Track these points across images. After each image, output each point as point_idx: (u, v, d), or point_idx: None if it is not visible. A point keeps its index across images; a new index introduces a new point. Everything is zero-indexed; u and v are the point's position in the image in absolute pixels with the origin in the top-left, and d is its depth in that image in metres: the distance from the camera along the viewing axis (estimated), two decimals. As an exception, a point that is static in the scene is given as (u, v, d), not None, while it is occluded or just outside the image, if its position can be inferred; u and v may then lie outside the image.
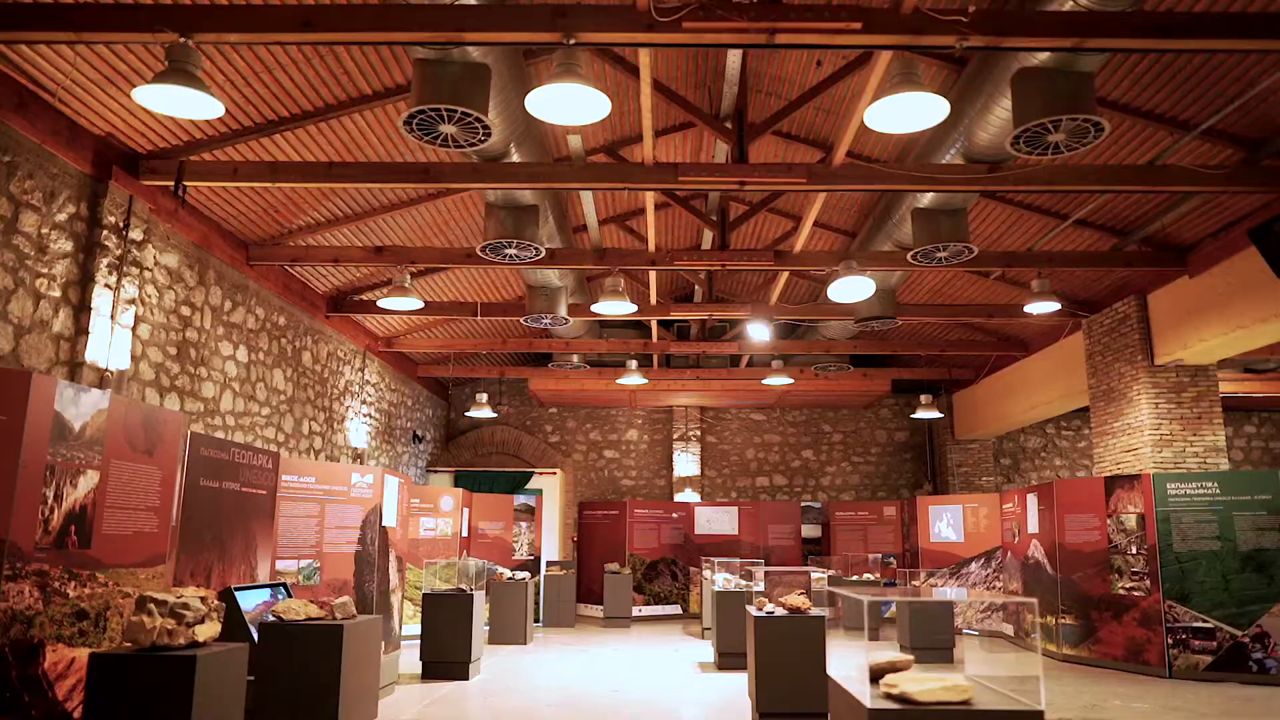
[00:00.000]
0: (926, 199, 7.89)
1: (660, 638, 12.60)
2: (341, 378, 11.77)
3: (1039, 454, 16.99)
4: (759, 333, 11.01)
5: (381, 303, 8.94)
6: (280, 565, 8.48)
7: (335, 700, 5.19)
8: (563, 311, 10.35)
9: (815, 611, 6.37)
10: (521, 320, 10.43)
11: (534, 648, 11.38)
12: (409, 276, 8.96)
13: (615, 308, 8.84)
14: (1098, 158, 7.87)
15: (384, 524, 9.67)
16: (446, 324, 13.34)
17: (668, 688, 8.35)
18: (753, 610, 6.52)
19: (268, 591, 7.63)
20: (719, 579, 9.96)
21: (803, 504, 16.30)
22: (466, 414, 14.18)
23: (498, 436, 17.05)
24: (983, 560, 13.32)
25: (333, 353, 11.46)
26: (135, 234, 7.07)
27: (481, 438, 17.01)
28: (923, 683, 3.65)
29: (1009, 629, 12.39)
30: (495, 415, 14.21)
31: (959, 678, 3.89)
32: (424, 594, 8.88)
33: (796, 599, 6.36)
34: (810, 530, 16.28)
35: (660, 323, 14.07)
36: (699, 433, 17.14)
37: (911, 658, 3.29)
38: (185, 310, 7.97)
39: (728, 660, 9.48)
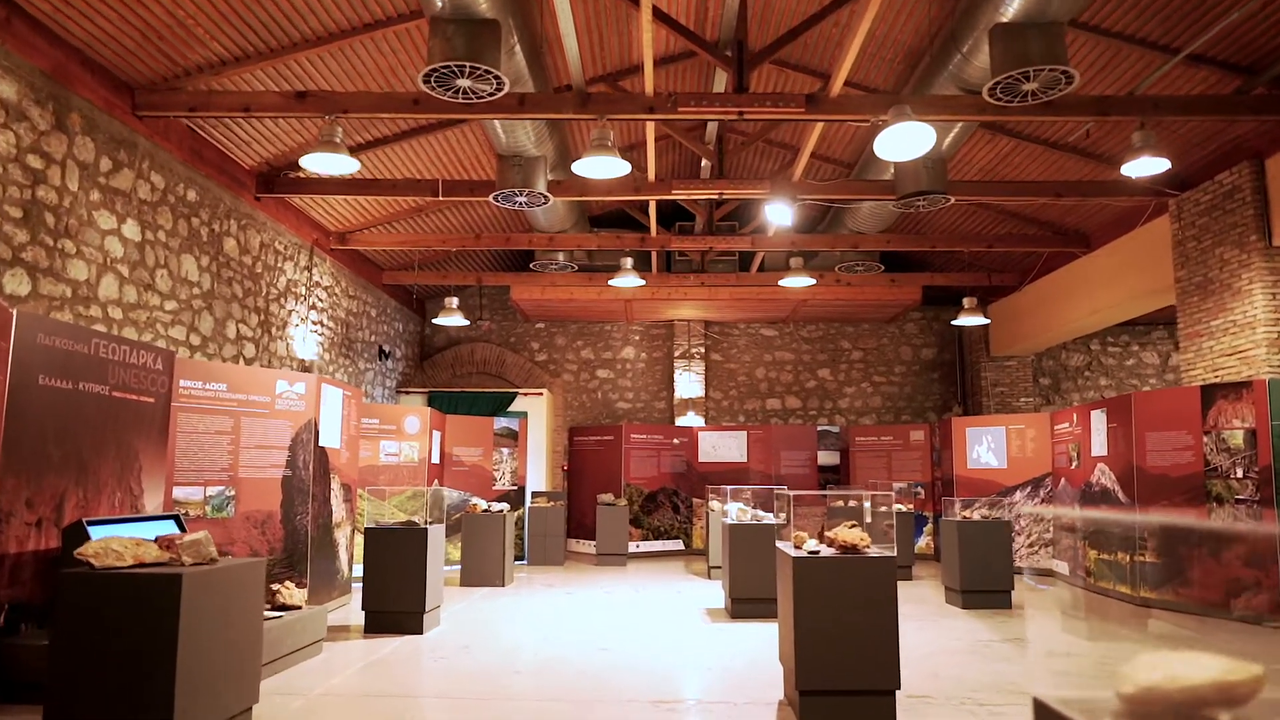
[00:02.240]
0: (1014, 7, 5.92)
1: (660, 577, 10.97)
2: (281, 275, 9.87)
3: (1082, 373, 15.20)
4: (780, 215, 9.08)
5: (306, 161, 7.00)
6: (180, 494, 6.72)
7: (169, 680, 3.44)
8: (541, 187, 8.42)
9: (877, 550, 4.61)
10: (492, 199, 8.51)
11: (513, 591, 9.72)
12: (339, 130, 7.00)
13: (604, 165, 6.91)
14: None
15: (321, 444, 7.88)
16: (410, 218, 11.40)
17: (670, 644, 6.66)
18: (788, 549, 4.76)
19: (153, 526, 5.87)
20: (731, 509, 8.23)
21: (819, 428, 14.58)
22: (434, 320, 12.29)
23: (478, 355, 15.23)
24: (1029, 489, 11.63)
25: (268, 244, 9.54)
26: (-64, 40, 5.11)
27: (460, 356, 15.19)
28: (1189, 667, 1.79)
29: (1062, 566, 10.75)
30: (468, 323, 12.33)
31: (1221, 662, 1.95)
32: (366, 529, 7.15)
33: (850, 533, 4.60)
34: (827, 457, 14.59)
35: (660, 222, 12.14)
36: (703, 350, 15.32)
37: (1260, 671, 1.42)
38: (35, 161, 6.04)
39: (743, 607, 7.79)
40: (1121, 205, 10.07)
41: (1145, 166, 7.05)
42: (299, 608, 6.11)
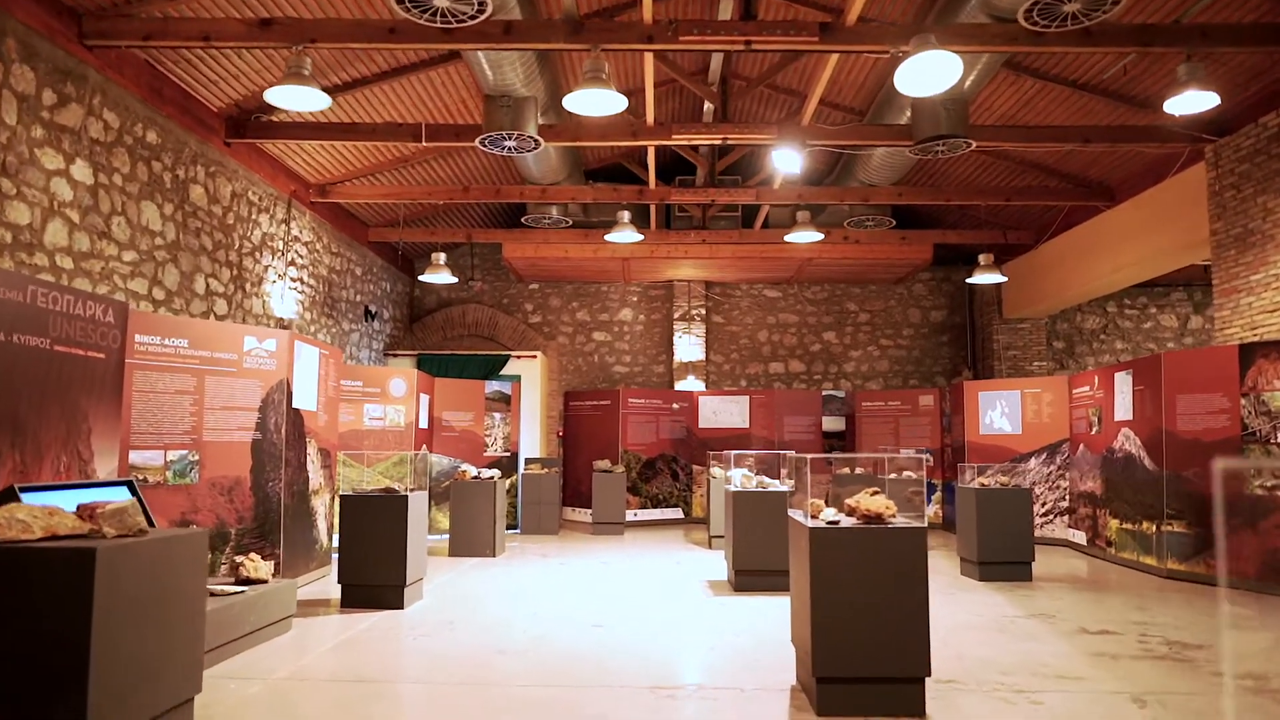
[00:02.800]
0: (1058, -84, 5.28)
1: (658, 546, 10.49)
2: (256, 228, 9.27)
3: (1098, 336, 14.64)
4: (788, 162, 8.47)
5: (272, 95, 6.37)
6: (138, 458, 6.18)
7: (81, 671, 2.92)
8: (532, 130, 7.80)
9: (904, 520, 4.08)
10: (479, 143, 7.89)
11: (504, 561, 9.23)
12: (308, 61, 6.37)
13: (598, 100, 6.29)
14: None
15: (295, 406, 7.34)
16: (394, 169, 10.76)
17: (670, 621, 6.16)
18: (801, 518, 4.23)
19: (101, 493, 5.34)
20: (735, 476, 7.71)
21: (824, 393, 14.05)
22: (421, 278, 11.68)
23: (470, 317, 14.65)
24: (1044, 456, 11.12)
25: (240, 194, 8.93)
26: None
27: (451, 318, 14.61)
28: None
29: (1078, 536, 10.27)
30: (456, 281, 11.72)
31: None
32: (341, 496, 6.62)
33: (874, 501, 4.07)
34: (832, 423, 14.07)
35: (659, 177, 11.51)
36: (704, 312, 14.74)
37: None
38: (-36, 89, 5.43)
39: (747, 580, 7.30)
40: (1151, 154, 9.45)
41: (1191, 102, 6.44)
42: (265, 581, 5.60)
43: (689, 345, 14.60)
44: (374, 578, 6.51)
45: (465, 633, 5.72)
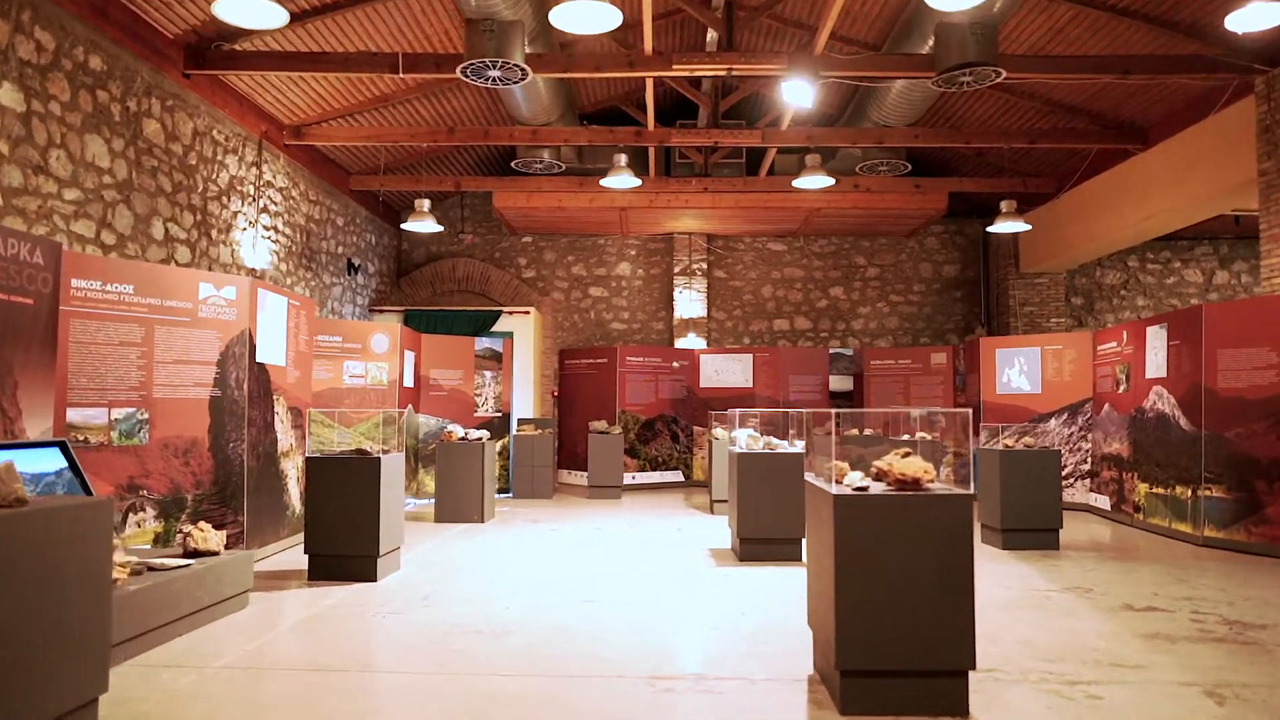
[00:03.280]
0: None
1: (657, 511, 9.93)
2: (222, 170, 8.57)
3: (1118, 291, 13.97)
4: (799, 95, 7.75)
5: (220, 9, 5.64)
6: (77, 416, 5.57)
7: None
8: (519, 59, 7.08)
9: (942, 486, 3.47)
10: (460, 72, 7.17)
11: (492, 527, 8.67)
12: (262, -30, 5.64)
13: (589, 14, 5.57)
14: None
15: (260, 361, 6.72)
16: (374, 110, 10.02)
17: (670, 596, 5.59)
18: (823, 484, 3.62)
19: (30, 455, 4.75)
20: (740, 437, 7.10)
21: (831, 351, 13.43)
22: (403, 226, 10.95)
23: (459, 271, 13.97)
24: (1065, 416, 10.53)
25: (203, 132, 8.22)
26: None
27: (440, 272, 13.93)
28: None
29: (1101, 501, 9.70)
30: (441, 229, 10.98)
31: None
32: (307, 459, 6.02)
33: (909, 464, 3.45)
34: (839, 382, 13.47)
35: (659, 120, 10.76)
36: (705, 266, 14.05)
37: None
38: None
39: (754, 549, 6.72)
40: (1191, 90, 8.72)
41: (1257, 16, 5.72)
42: (215, 553, 5.01)
43: (690, 301, 13.94)
44: (344, 547, 5.93)
45: (441, 609, 5.15)
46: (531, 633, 4.64)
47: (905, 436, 10.30)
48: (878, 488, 3.51)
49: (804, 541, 6.73)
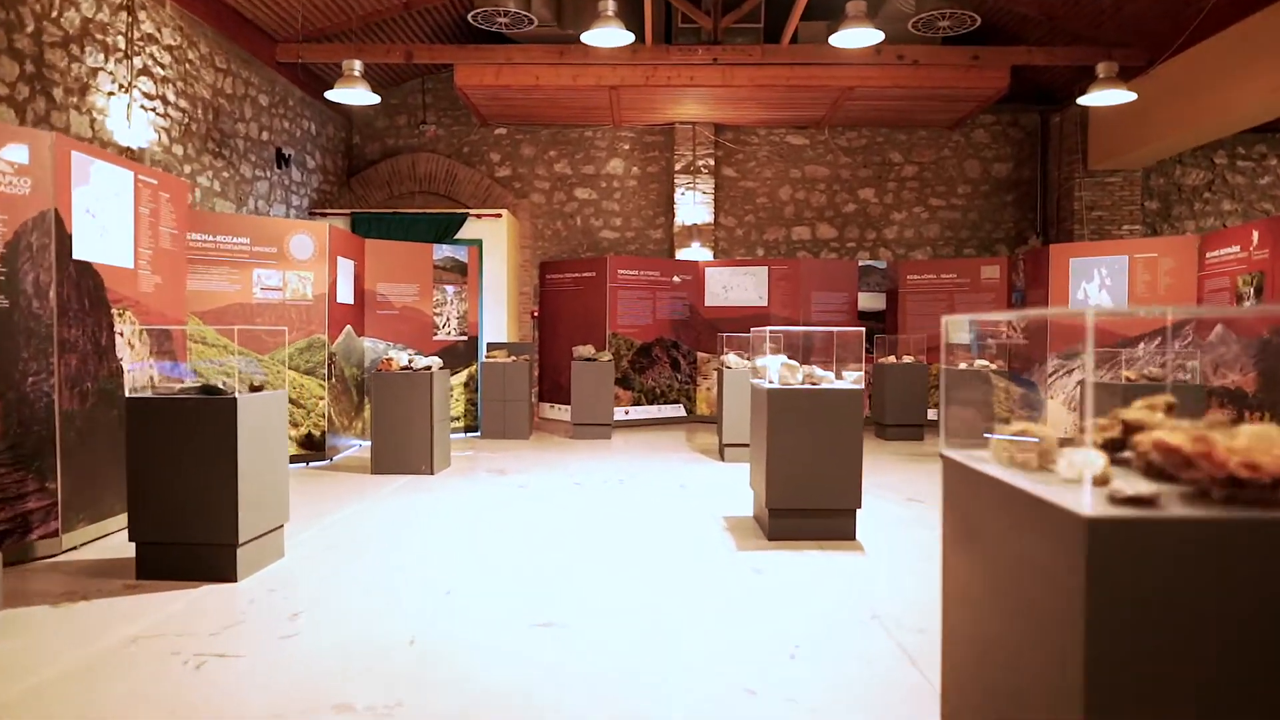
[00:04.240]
0: None
1: (655, 455, 8.02)
2: (70, 9, 6.35)
3: (1201, 194, 11.82)
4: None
5: None
6: None
7: None
8: None
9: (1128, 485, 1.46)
10: None
11: (440, 482, 6.74)
12: None
13: None
14: None
15: (82, 258, 4.64)
16: (289, -57, 7.73)
17: (675, 614, 3.65)
18: (1064, 494, 1.60)
19: None
20: (770, 366, 5.08)
21: (860, 263, 11.36)
22: (327, 94, 8.64)
23: (421, 169, 11.78)
24: (1158, 340, 8.53)
25: (34, -49, 5.99)
26: None
27: (398, 170, 11.74)
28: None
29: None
30: (377, 101, 8.66)
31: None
32: (127, 401, 4.01)
33: (1179, 433, 1.45)
34: (870, 300, 11.44)
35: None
36: (712, 163, 11.86)
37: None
38: None
39: (788, 524, 4.79)
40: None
41: None
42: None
43: (693, 205, 11.78)
44: (187, 533, 3.98)
45: (306, 645, 3.21)
46: (431, 694, 2.70)
47: (963, 365, 8.33)
48: (1143, 488, 1.49)
49: (855, 516, 4.80)
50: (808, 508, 4.78)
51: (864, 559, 4.43)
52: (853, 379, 5.05)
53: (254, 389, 4.26)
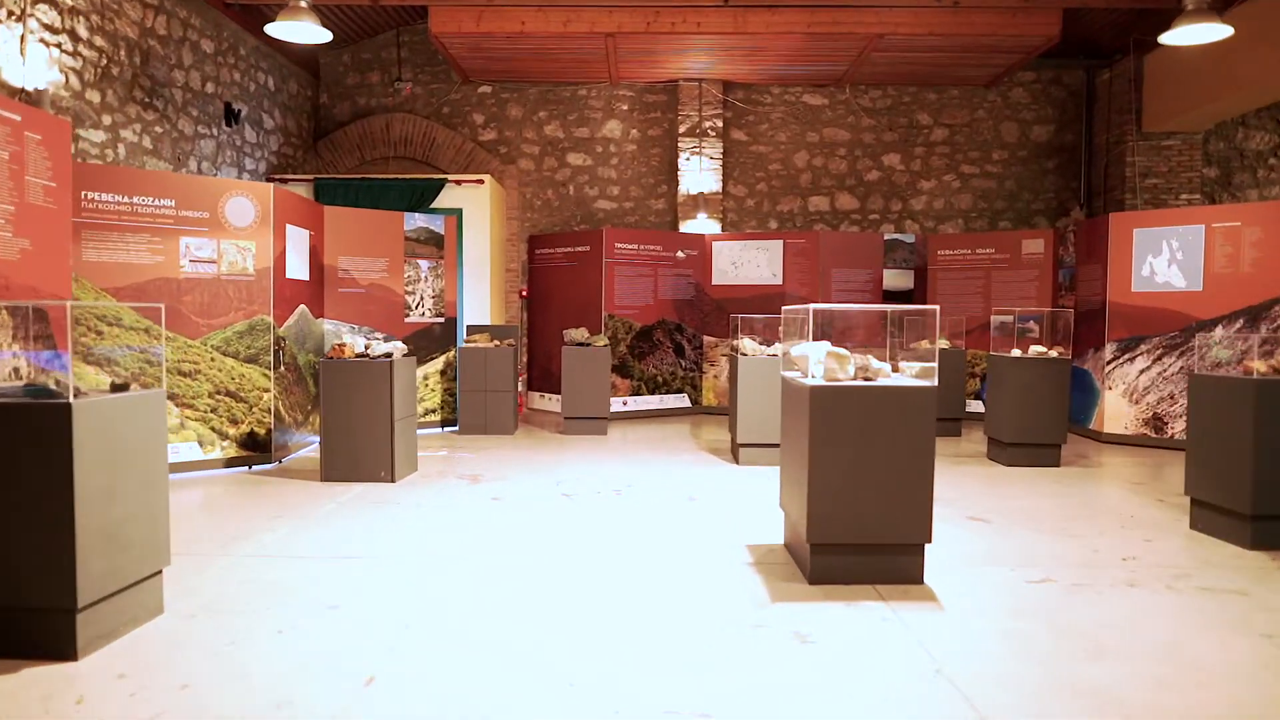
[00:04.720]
0: None
1: (657, 455, 6.88)
2: (-59, -86, 5.15)
3: (1266, 160, 10.63)
4: None
5: None
6: None
7: None
8: None
9: None
10: None
11: (401, 492, 5.59)
12: None
13: None
14: None
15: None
16: None
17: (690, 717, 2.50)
18: None
19: None
20: (812, 356, 3.91)
21: (885, 237, 10.18)
22: (267, 28, 7.26)
23: (396, 131, 10.57)
24: (1239, 323, 7.40)
25: None
26: None
27: (371, 133, 10.54)
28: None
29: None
30: (328, 38, 7.33)
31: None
32: (-86, 407, 2.85)
33: None
34: (896, 278, 10.26)
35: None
36: (720, 125, 10.65)
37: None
38: None
39: (838, 565, 3.64)
40: None
41: None
42: None
43: (699, 172, 10.58)
44: (11, 593, 2.83)
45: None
46: None
47: (1015, 353, 7.17)
48: None
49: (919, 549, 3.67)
50: (862, 543, 3.64)
51: (941, 616, 3.29)
52: (912, 371, 3.89)
53: (116, 388, 3.10)
